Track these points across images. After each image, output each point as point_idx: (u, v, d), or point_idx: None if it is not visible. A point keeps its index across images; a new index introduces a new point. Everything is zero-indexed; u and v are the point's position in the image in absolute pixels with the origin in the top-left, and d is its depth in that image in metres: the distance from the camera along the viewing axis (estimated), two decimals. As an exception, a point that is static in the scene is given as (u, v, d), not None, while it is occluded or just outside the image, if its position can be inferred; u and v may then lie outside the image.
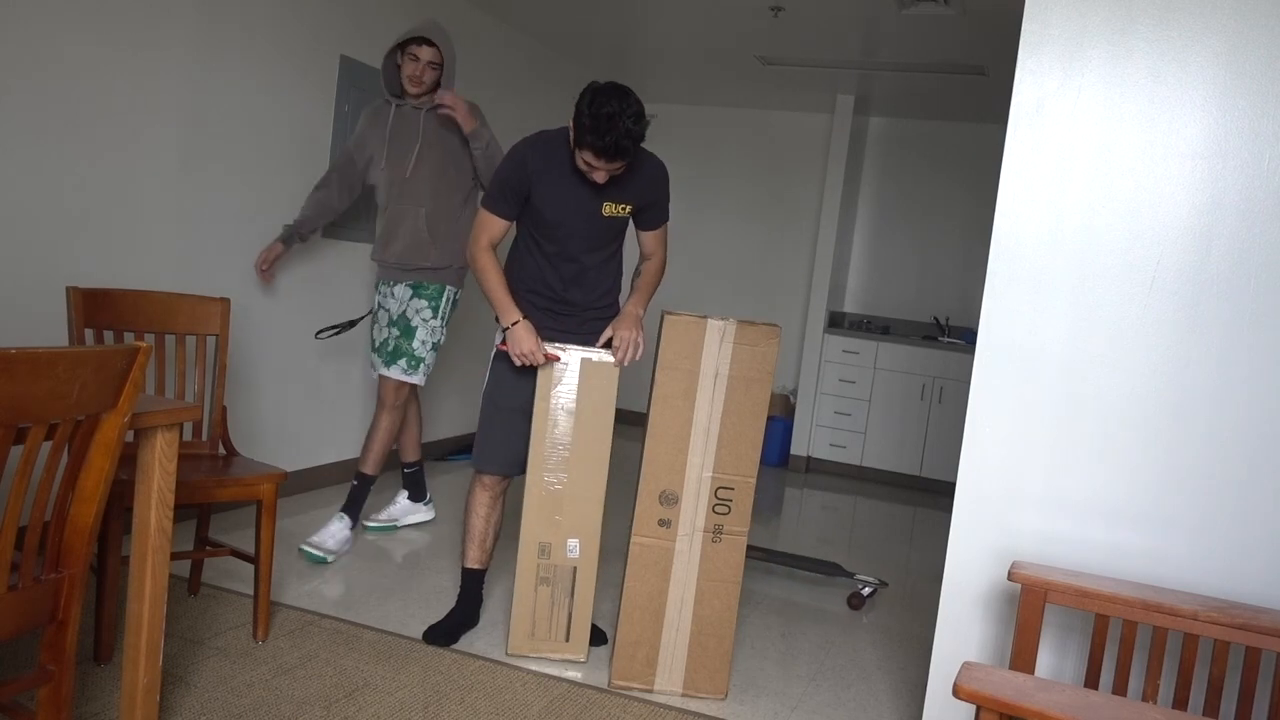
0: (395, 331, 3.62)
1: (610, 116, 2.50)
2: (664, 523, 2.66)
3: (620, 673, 2.69)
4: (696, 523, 2.66)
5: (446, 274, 3.64)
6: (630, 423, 7.57)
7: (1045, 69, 2.31)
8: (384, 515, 3.98)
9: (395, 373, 3.60)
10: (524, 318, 2.74)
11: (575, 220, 2.79)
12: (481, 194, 3.33)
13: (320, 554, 3.42)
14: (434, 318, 3.61)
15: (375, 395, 4.73)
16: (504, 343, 2.77)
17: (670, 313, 2.64)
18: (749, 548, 3.93)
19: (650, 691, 2.69)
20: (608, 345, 2.78)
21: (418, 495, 4.06)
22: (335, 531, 3.54)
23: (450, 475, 5.05)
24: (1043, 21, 2.30)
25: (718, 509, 2.66)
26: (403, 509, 4.02)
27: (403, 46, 3.53)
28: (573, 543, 2.79)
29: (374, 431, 3.68)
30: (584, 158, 2.61)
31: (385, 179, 3.62)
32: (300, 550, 3.46)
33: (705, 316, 2.62)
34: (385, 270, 3.69)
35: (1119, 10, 2.24)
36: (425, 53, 3.51)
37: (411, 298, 3.62)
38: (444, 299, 3.64)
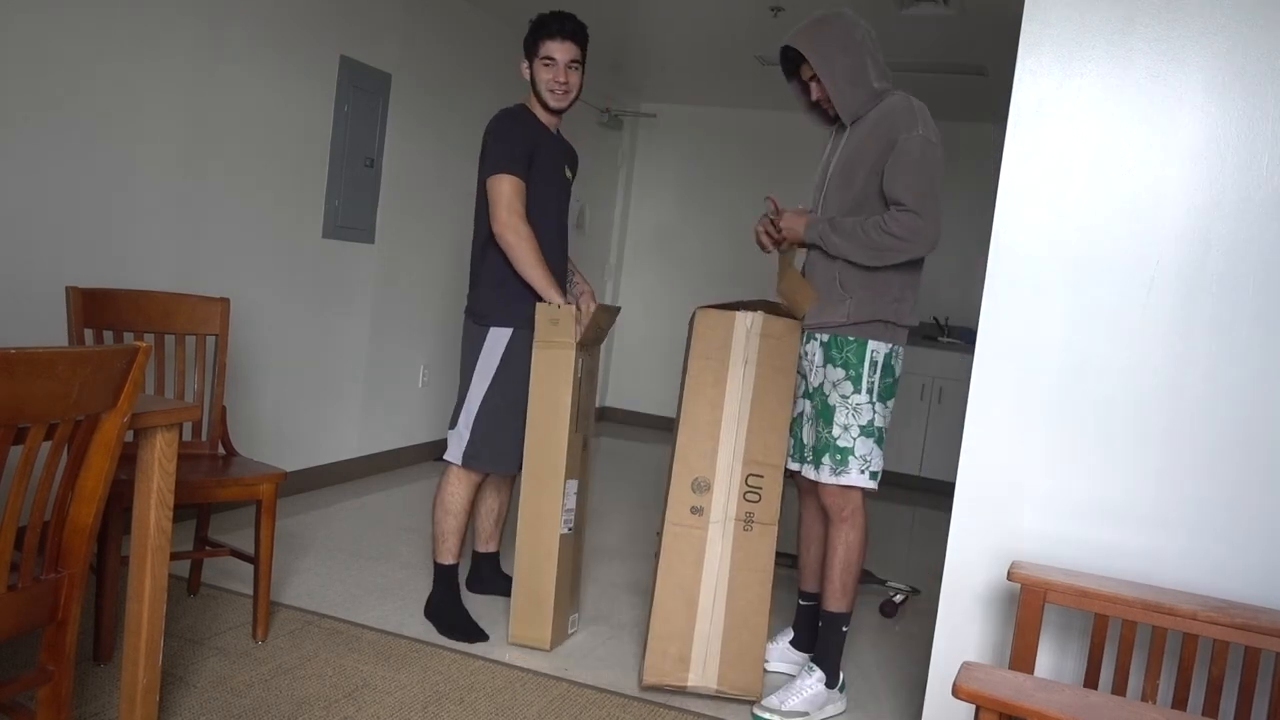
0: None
1: (555, 12, 2.89)
2: (696, 510, 2.68)
3: (652, 670, 2.65)
4: (729, 510, 2.67)
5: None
6: (628, 423, 7.59)
7: (1045, 69, 2.31)
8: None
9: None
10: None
11: (554, 182, 2.95)
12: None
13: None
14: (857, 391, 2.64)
15: (375, 396, 4.75)
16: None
17: (702, 307, 2.73)
18: (778, 555, 3.92)
19: (684, 690, 2.66)
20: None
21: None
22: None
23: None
24: (1042, 21, 2.30)
25: (748, 496, 2.67)
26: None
27: None
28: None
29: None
30: (547, 50, 2.86)
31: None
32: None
33: (734, 310, 2.71)
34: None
35: (1119, 10, 2.24)
36: None
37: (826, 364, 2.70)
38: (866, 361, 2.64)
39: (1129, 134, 2.25)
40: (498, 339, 2.89)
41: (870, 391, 2.60)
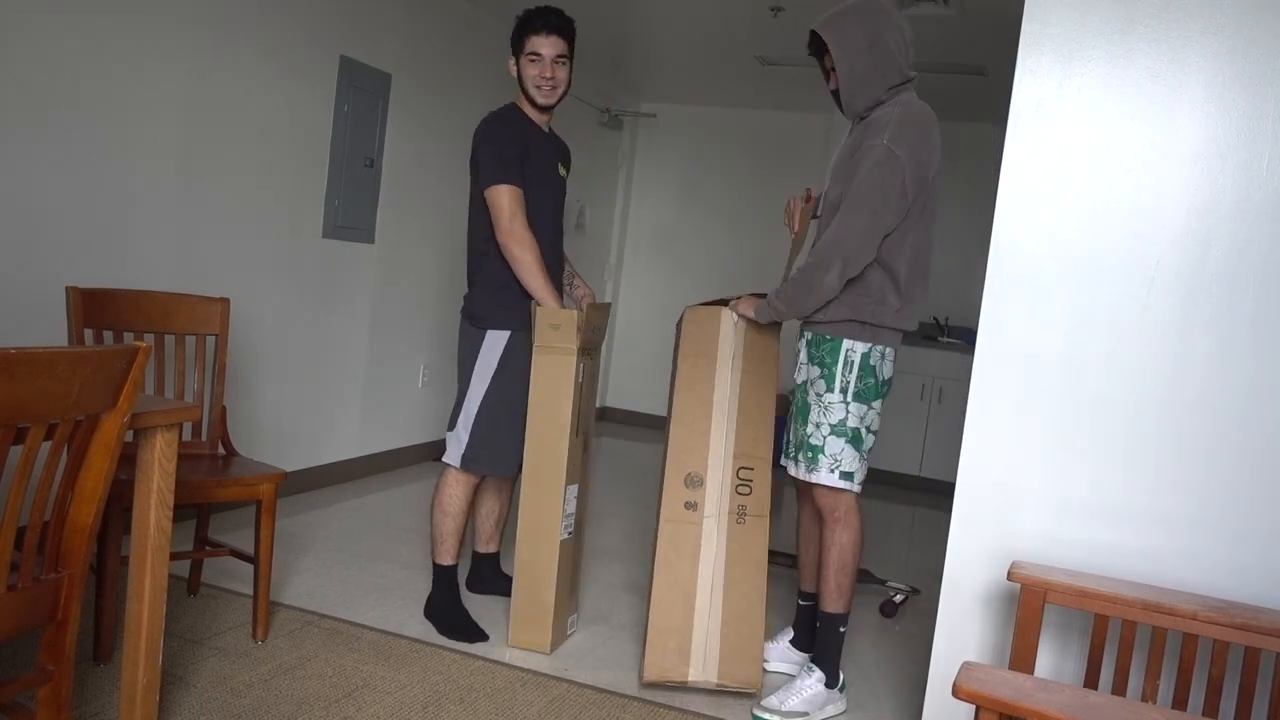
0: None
1: (541, 7, 2.87)
2: (690, 505, 2.70)
3: (653, 667, 2.65)
4: (722, 505, 2.70)
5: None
6: (627, 423, 7.58)
7: (1045, 69, 2.31)
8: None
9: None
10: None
11: (549, 180, 2.94)
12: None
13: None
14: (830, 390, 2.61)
15: (375, 396, 4.75)
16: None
17: (691, 306, 2.80)
18: (774, 554, 3.93)
19: (685, 686, 2.67)
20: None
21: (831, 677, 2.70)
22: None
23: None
24: (1042, 21, 2.30)
25: (740, 489, 2.71)
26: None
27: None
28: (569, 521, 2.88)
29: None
30: (533, 45, 2.82)
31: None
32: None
33: (721, 306, 2.78)
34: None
35: (1119, 10, 2.24)
36: None
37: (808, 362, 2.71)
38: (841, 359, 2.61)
39: (1129, 134, 2.25)
40: (495, 341, 2.89)
41: (844, 391, 2.59)
